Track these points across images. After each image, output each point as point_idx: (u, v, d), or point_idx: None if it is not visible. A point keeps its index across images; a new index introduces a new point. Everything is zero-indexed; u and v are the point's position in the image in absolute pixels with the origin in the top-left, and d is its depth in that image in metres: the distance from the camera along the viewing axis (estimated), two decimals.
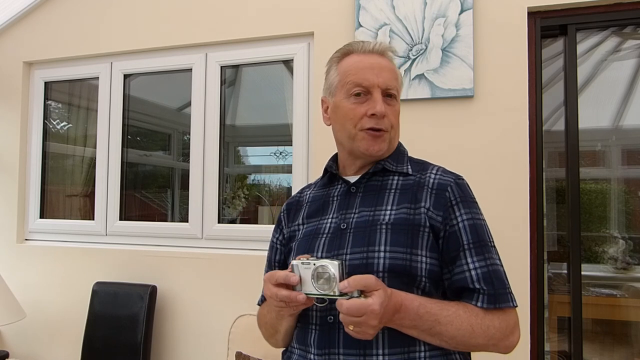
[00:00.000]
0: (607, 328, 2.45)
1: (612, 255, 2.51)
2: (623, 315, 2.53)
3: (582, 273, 1.87)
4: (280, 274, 0.92)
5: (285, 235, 1.18)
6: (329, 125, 1.16)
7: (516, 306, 0.99)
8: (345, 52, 1.12)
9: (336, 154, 1.19)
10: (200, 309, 2.29)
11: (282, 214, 1.23)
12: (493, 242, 1.04)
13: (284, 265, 1.16)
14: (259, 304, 1.21)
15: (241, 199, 2.55)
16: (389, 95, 1.07)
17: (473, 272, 0.98)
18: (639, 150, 2.55)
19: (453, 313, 0.94)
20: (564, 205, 1.99)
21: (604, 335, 2.42)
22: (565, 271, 2.00)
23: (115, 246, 2.52)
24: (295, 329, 1.08)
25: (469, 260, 0.99)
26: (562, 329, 2.05)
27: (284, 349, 1.14)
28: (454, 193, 1.04)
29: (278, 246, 1.20)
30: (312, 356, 0.99)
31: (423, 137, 1.98)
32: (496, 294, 0.97)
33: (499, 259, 1.03)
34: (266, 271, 1.22)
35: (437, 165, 1.12)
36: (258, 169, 2.71)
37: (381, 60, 1.09)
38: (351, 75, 1.08)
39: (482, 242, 1.01)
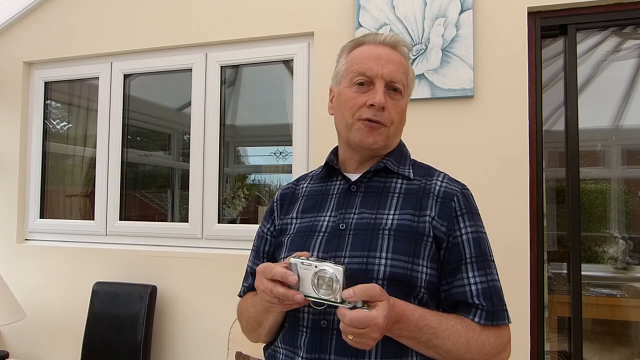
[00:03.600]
0: (607, 328, 2.45)
1: (612, 255, 2.50)
2: (623, 315, 2.53)
3: (582, 273, 1.87)
4: (277, 270, 0.87)
5: (277, 227, 1.13)
6: (332, 114, 1.12)
7: (510, 322, 0.99)
8: (358, 43, 1.09)
9: (337, 147, 1.15)
10: (200, 309, 2.29)
11: (275, 203, 1.18)
12: (493, 256, 1.03)
13: (272, 257, 1.13)
14: (240, 296, 1.17)
15: (241, 199, 2.55)
16: (394, 89, 1.04)
17: (473, 287, 0.96)
18: (639, 150, 2.54)
19: (451, 327, 0.93)
20: (564, 205, 1.99)
21: (604, 335, 2.42)
22: (565, 271, 2.00)
23: (115, 246, 2.52)
24: (280, 325, 1.05)
25: (470, 274, 0.97)
26: (562, 329, 2.05)
27: (266, 345, 1.11)
28: (460, 203, 1.01)
29: (268, 237, 1.16)
30: (300, 359, 0.96)
31: (423, 137, 1.98)
32: (495, 310, 0.96)
33: (497, 275, 1.02)
34: (252, 261, 1.18)
35: (442, 172, 1.09)
36: (258, 169, 2.71)
37: (390, 53, 1.05)
38: (357, 64, 1.05)
39: (484, 257, 1.00)
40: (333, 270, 0.83)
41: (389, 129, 1.04)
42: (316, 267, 0.84)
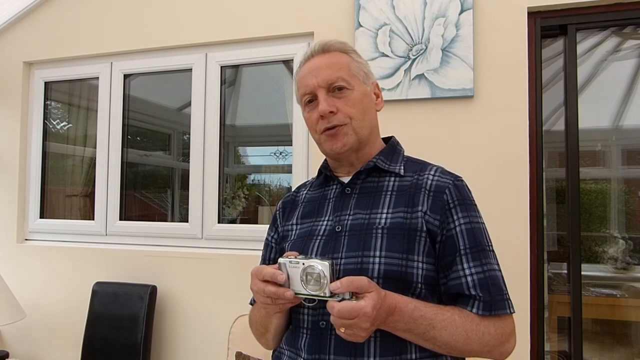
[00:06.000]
0: (607, 328, 2.45)
1: (612, 255, 2.50)
2: (623, 315, 2.53)
3: (582, 273, 1.88)
4: (267, 271, 0.91)
5: (280, 234, 1.17)
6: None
7: (513, 312, 0.97)
8: (299, 67, 1.13)
9: None
10: (200, 309, 2.29)
11: (277, 212, 1.22)
12: (491, 246, 1.02)
13: None
14: (251, 304, 1.19)
15: (241, 199, 2.55)
16: (338, 88, 1.05)
17: (469, 278, 0.96)
18: (639, 150, 2.54)
19: (448, 318, 0.92)
20: (564, 205, 1.99)
21: (604, 335, 2.42)
22: (565, 271, 2.00)
23: (115, 246, 2.52)
24: (285, 328, 1.07)
25: (465, 265, 0.97)
26: (562, 329, 2.05)
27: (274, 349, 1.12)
28: (452, 195, 1.01)
29: (273, 245, 1.19)
30: None
31: (423, 137, 1.98)
32: (492, 300, 0.95)
33: (497, 264, 1.00)
34: None
35: (436, 166, 1.09)
36: (258, 169, 2.71)
37: (321, 59, 1.07)
38: (299, 87, 1.11)
39: (480, 247, 0.99)
40: (319, 265, 0.86)
41: (352, 124, 1.05)
42: (303, 264, 0.87)
